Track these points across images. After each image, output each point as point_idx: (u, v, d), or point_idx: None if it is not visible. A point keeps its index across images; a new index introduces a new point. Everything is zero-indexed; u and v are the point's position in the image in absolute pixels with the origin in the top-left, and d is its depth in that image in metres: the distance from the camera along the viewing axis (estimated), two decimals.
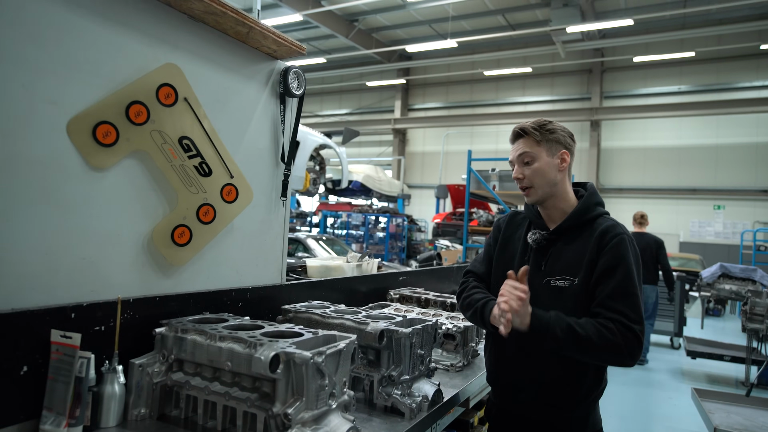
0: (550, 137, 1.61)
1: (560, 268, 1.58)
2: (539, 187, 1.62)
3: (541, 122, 1.63)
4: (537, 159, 1.60)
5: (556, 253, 1.61)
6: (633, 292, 1.47)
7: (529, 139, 1.62)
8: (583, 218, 1.61)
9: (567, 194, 1.65)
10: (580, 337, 1.43)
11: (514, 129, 1.66)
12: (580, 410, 1.56)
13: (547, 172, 1.60)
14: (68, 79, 1.42)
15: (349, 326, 1.72)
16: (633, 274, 1.49)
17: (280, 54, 2.09)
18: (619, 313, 1.44)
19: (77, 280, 1.45)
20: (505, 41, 17.66)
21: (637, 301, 1.47)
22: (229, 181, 1.88)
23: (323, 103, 23.39)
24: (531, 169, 1.61)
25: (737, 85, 16.15)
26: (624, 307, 1.45)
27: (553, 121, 1.65)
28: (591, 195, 1.67)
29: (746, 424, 3.56)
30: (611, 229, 1.56)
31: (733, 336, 8.59)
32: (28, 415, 1.27)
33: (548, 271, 1.60)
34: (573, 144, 1.66)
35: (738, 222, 15.92)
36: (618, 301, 1.46)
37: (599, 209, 1.64)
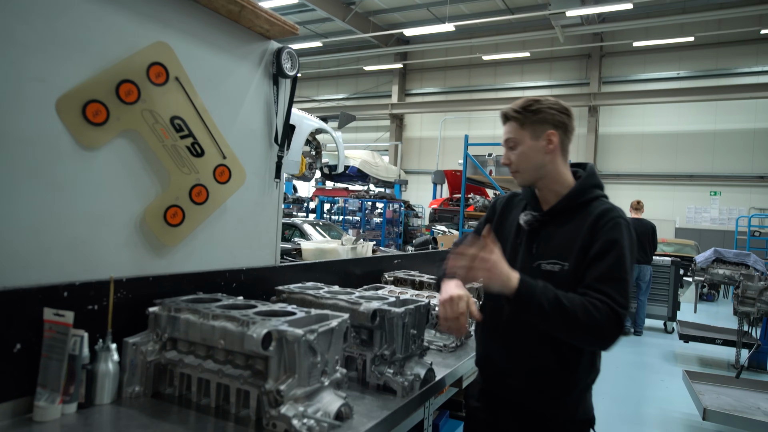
0: (534, 119, 1.54)
1: (551, 251, 1.53)
2: (525, 171, 1.57)
3: (526, 103, 1.56)
4: (520, 143, 1.55)
5: (548, 235, 1.56)
6: (623, 276, 1.42)
7: (513, 123, 1.57)
8: (578, 200, 1.56)
9: (560, 175, 1.58)
10: (566, 310, 1.37)
11: (501, 112, 1.61)
12: (571, 398, 1.53)
13: (532, 156, 1.55)
14: (57, 56, 1.40)
15: (342, 306, 1.73)
16: (625, 259, 1.44)
17: (273, 34, 2.07)
18: (606, 295, 1.39)
19: (69, 259, 1.45)
20: (504, 25, 17.51)
21: (626, 287, 1.42)
22: (221, 162, 1.87)
23: (320, 87, 23.23)
24: (516, 154, 1.57)
25: (736, 70, 16.10)
26: (612, 290, 1.40)
27: (542, 99, 1.56)
28: (588, 177, 1.61)
29: (735, 405, 3.62)
30: (607, 213, 1.50)
31: (725, 320, 8.68)
32: (22, 392, 1.28)
33: (539, 255, 1.55)
34: (567, 119, 1.57)
35: (734, 208, 15.99)
36: (606, 284, 1.41)
37: (596, 192, 1.58)
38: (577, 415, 1.56)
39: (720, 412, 3.43)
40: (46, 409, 1.25)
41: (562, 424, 1.55)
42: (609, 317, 1.36)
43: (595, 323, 1.36)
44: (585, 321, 1.36)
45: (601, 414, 4.67)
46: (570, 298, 1.40)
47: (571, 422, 1.56)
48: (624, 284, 1.42)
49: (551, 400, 1.53)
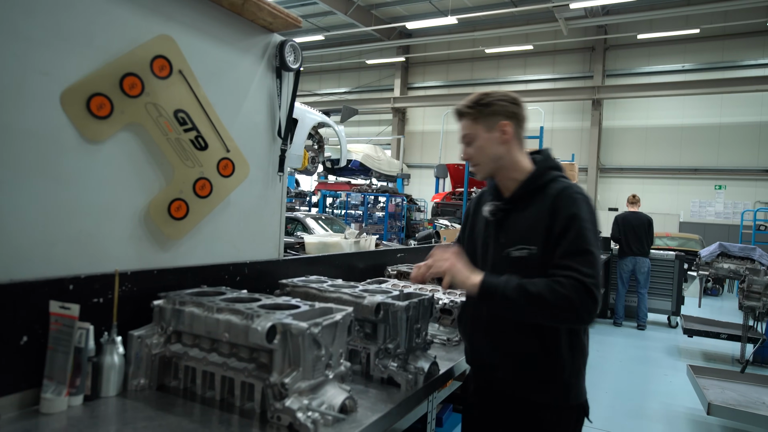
0: (486, 111, 1.58)
1: (517, 237, 1.56)
2: (484, 163, 1.62)
3: (476, 97, 1.61)
4: (476, 137, 1.60)
5: (513, 223, 1.60)
6: (585, 248, 1.44)
7: (467, 119, 1.61)
8: (536, 184, 1.59)
9: (517, 163, 1.62)
10: (531, 294, 1.41)
11: (453, 110, 1.66)
12: (560, 383, 1.54)
13: (488, 148, 1.60)
14: (61, 49, 1.40)
15: (346, 300, 1.74)
16: (586, 231, 1.46)
17: (276, 27, 2.06)
18: (571, 269, 1.41)
19: (74, 252, 1.45)
20: (507, 18, 17.39)
21: (591, 258, 1.43)
22: (225, 156, 1.87)
23: (322, 81, 23.17)
24: (474, 148, 1.61)
25: (743, 62, 15.96)
26: (576, 263, 1.42)
27: (492, 92, 1.61)
28: (544, 160, 1.65)
29: (740, 400, 3.61)
30: (564, 190, 1.53)
31: (730, 315, 8.66)
32: (29, 384, 1.29)
33: (506, 242, 1.58)
34: (518, 109, 1.62)
35: (739, 202, 15.91)
36: (570, 258, 1.43)
37: (552, 173, 1.61)
38: (569, 400, 1.56)
39: (724, 406, 3.42)
40: (52, 401, 1.26)
41: (555, 410, 1.56)
42: (575, 288, 1.39)
43: (563, 298, 1.39)
44: (552, 299, 1.39)
45: (604, 408, 4.67)
46: (534, 282, 1.43)
47: (563, 408, 1.56)
48: (588, 255, 1.43)
49: (540, 387, 1.55)
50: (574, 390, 1.57)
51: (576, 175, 9.14)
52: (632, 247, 7.41)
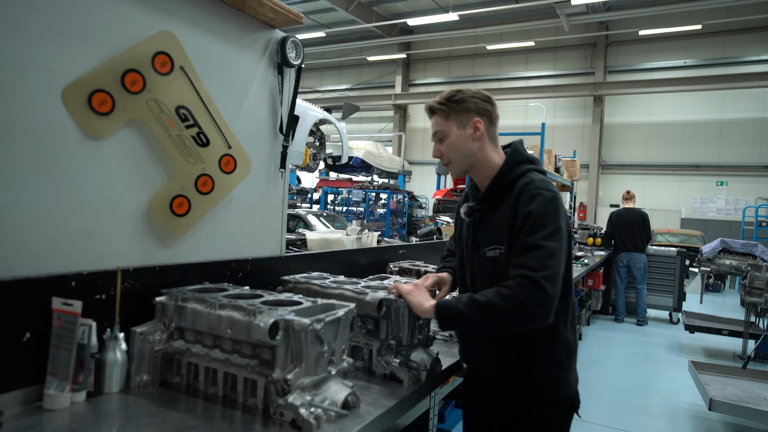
0: (458, 108, 1.57)
1: (490, 237, 1.56)
2: (457, 161, 1.61)
3: (448, 94, 1.59)
4: (448, 134, 1.58)
5: (486, 222, 1.59)
6: (535, 243, 1.41)
7: (439, 115, 1.59)
8: (504, 181, 1.57)
9: (491, 161, 1.60)
10: (482, 304, 1.41)
11: (425, 107, 1.64)
12: (540, 379, 1.55)
13: (461, 146, 1.58)
14: (62, 45, 1.39)
15: (348, 296, 1.73)
16: (539, 228, 1.42)
17: (278, 22, 2.05)
18: (520, 266, 1.40)
19: (77, 249, 1.45)
20: (508, 14, 17.35)
21: (541, 252, 1.39)
22: (227, 152, 1.87)
23: (323, 78, 23.14)
24: (446, 146, 1.60)
25: (745, 58, 15.91)
26: (525, 259, 1.40)
27: (464, 89, 1.59)
28: (511, 155, 1.62)
29: (741, 396, 3.61)
30: (525, 187, 1.51)
31: (731, 311, 8.66)
32: (32, 381, 1.29)
33: (482, 243, 1.59)
34: (490, 107, 1.60)
35: (740, 198, 15.88)
36: (520, 255, 1.42)
37: (521, 168, 1.58)
38: (553, 395, 1.57)
39: (726, 402, 3.42)
40: (55, 398, 1.26)
41: (541, 405, 1.57)
42: (522, 286, 1.37)
43: (510, 299, 1.37)
44: (501, 303, 1.38)
45: (606, 404, 4.68)
46: (484, 292, 1.44)
47: (549, 403, 1.57)
48: (537, 249, 1.40)
49: (522, 383, 1.57)
50: (558, 385, 1.57)
51: (577, 171, 9.12)
52: (626, 243, 7.45)
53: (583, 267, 5.97)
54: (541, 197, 1.47)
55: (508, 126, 18.76)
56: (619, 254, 7.52)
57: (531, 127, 17.50)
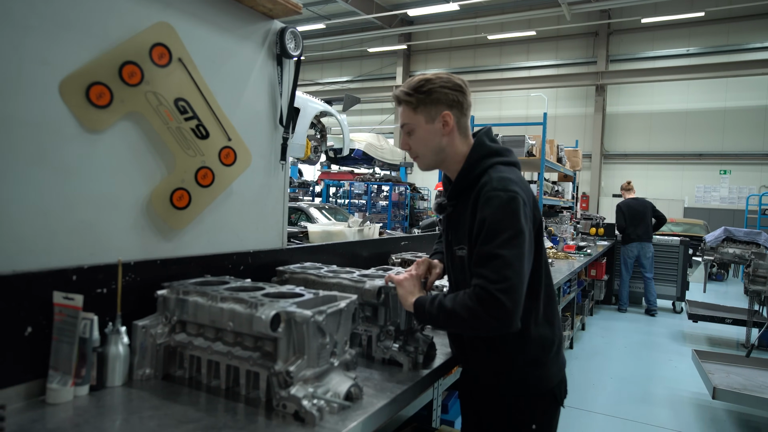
0: (427, 100, 1.48)
1: (458, 235, 1.53)
2: (425, 156, 1.56)
3: (416, 84, 1.49)
4: (416, 128, 1.52)
5: (456, 219, 1.55)
6: (494, 253, 1.36)
7: (406, 107, 1.52)
8: (469, 178, 1.51)
9: (460, 155, 1.54)
10: (447, 310, 1.42)
11: (393, 94, 1.56)
12: (513, 374, 1.55)
13: (429, 140, 1.52)
14: (59, 38, 1.38)
15: (346, 285, 1.76)
16: (494, 235, 1.37)
17: (276, 13, 2.03)
18: (480, 277, 1.37)
19: (77, 243, 1.45)
20: (509, 4, 17.21)
21: (498, 262, 1.35)
22: (227, 144, 1.85)
23: (323, 70, 23.04)
24: (413, 139, 1.54)
25: (748, 46, 15.77)
26: (485, 270, 1.37)
27: (434, 77, 1.49)
28: (474, 149, 1.54)
29: (745, 384, 3.62)
30: (483, 188, 1.44)
31: (735, 300, 8.65)
32: (35, 375, 1.29)
33: (453, 240, 1.57)
34: (461, 96, 1.51)
35: (744, 187, 15.81)
36: (479, 266, 1.39)
37: (485, 162, 1.50)
38: (529, 389, 1.56)
39: (730, 391, 3.43)
40: (58, 392, 1.26)
41: (521, 398, 1.56)
42: (480, 298, 1.35)
43: (469, 310, 1.37)
44: (463, 313, 1.39)
45: (610, 394, 4.69)
46: (452, 297, 1.44)
47: (529, 396, 1.57)
48: (495, 260, 1.36)
49: (497, 377, 1.57)
50: (533, 380, 1.55)
51: (580, 161, 9.08)
52: (639, 233, 7.40)
53: (586, 257, 5.96)
54: (497, 200, 1.40)
55: (510, 116, 18.70)
56: (630, 244, 7.45)
57: (533, 117, 17.43)
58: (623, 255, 7.58)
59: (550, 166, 6.78)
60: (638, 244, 7.41)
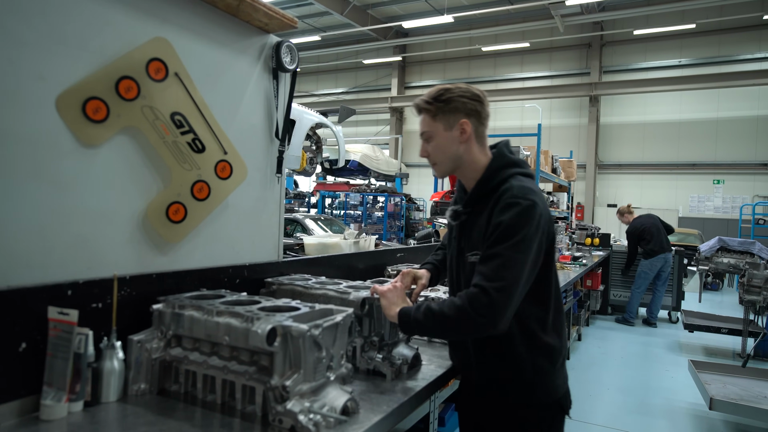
0: (446, 108, 1.53)
1: (472, 242, 1.55)
2: (442, 163, 1.60)
3: (436, 93, 1.54)
4: (435, 136, 1.56)
5: (470, 226, 1.58)
6: (497, 253, 1.39)
7: (426, 115, 1.57)
8: (488, 186, 1.55)
9: (477, 163, 1.57)
10: (436, 313, 1.43)
11: (413, 103, 1.61)
12: (524, 381, 1.54)
13: (447, 147, 1.56)
14: (56, 53, 1.39)
15: (331, 296, 1.78)
16: (504, 237, 1.40)
17: (272, 27, 2.05)
18: (477, 274, 1.41)
19: (72, 257, 1.44)
20: (503, 16, 17.40)
21: (498, 261, 1.38)
22: (222, 158, 1.86)
23: (319, 82, 23.15)
24: (432, 146, 1.58)
25: (739, 57, 15.97)
26: (483, 268, 1.40)
27: (453, 87, 1.54)
28: (495, 159, 1.58)
29: (742, 394, 3.61)
30: (502, 195, 1.47)
31: (730, 309, 8.67)
32: (29, 391, 1.28)
33: (466, 247, 1.58)
34: (479, 106, 1.56)
35: (737, 196, 15.92)
36: (481, 264, 1.43)
37: (506, 172, 1.54)
38: (539, 399, 1.55)
39: (726, 401, 3.42)
40: (52, 408, 1.25)
41: (528, 408, 1.56)
42: (472, 296, 1.38)
43: (458, 310, 1.39)
44: (450, 312, 1.40)
45: (606, 405, 4.67)
46: (440, 301, 1.46)
47: (536, 406, 1.56)
48: (496, 258, 1.39)
49: (506, 387, 1.56)
50: (541, 388, 1.55)
51: (574, 172, 9.14)
52: (663, 244, 7.34)
53: (581, 267, 5.97)
54: (517, 207, 1.43)
55: (504, 127, 18.78)
56: (655, 258, 7.27)
57: (527, 128, 17.52)
58: (644, 269, 7.38)
59: (545, 176, 6.82)
60: (663, 256, 7.30)
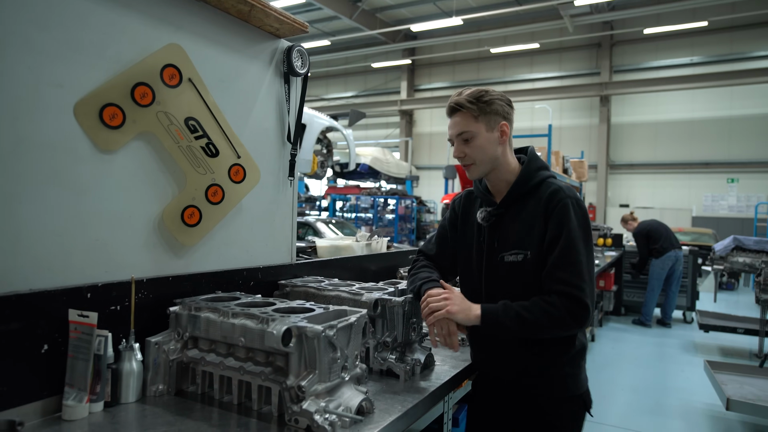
0: (488, 110, 1.55)
1: (512, 242, 1.57)
2: (481, 163, 1.60)
3: (478, 94, 1.56)
4: (477, 136, 1.56)
5: (506, 226, 1.60)
6: (575, 258, 1.47)
7: (467, 115, 1.56)
8: (527, 187, 1.59)
9: (509, 165, 1.63)
10: (528, 322, 1.46)
11: (449, 103, 1.60)
12: (555, 374, 1.58)
13: (488, 148, 1.57)
14: (73, 61, 1.42)
15: (344, 297, 1.80)
16: (575, 240, 1.48)
17: (283, 32, 2.07)
18: (561, 281, 1.46)
19: (91, 261, 1.47)
20: (512, 17, 17.35)
21: (580, 267, 1.47)
22: (236, 162, 1.89)
23: (328, 86, 23.26)
24: (471, 147, 1.58)
25: (752, 54, 15.78)
26: (566, 274, 1.46)
27: (490, 90, 1.58)
28: (531, 161, 1.64)
29: (759, 395, 3.56)
30: (555, 194, 1.54)
31: (746, 309, 8.55)
32: (51, 392, 1.30)
33: (501, 247, 1.60)
34: (512, 111, 1.62)
35: (752, 195, 15.70)
36: (560, 269, 1.47)
37: (542, 174, 1.61)
38: (567, 391, 1.59)
39: (744, 401, 3.38)
40: (74, 408, 1.27)
41: (554, 401, 1.59)
42: (566, 307, 1.45)
43: (557, 320, 1.45)
44: (548, 323, 1.46)
45: (622, 405, 4.64)
46: (529, 308, 1.47)
47: (562, 400, 1.60)
48: (577, 266, 1.47)
49: (535, 380, 1.59)
50: (571, 381, 1.60)
51: (586, 172, 9.08)
52: (672, 241, 7.32)
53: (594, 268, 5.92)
54: (573, 206, 1.51)
55: (515, 128, 18.29)
56: (665, 255, 7.24)
57: (537, 129, 17.44)
58: (656, 269, 7.32)
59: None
60: (674, 253, 7.26)
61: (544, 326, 1.46)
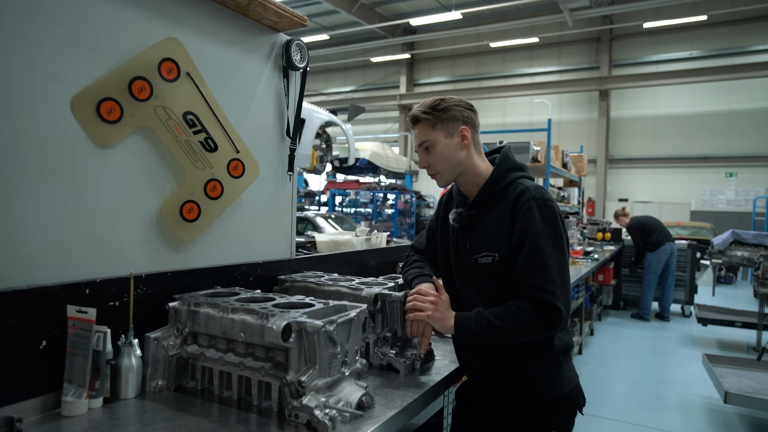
0: (444, 117, 1.56)
1: (483, 244, 1.57)
2: (445, 171, 1.60)
3: (433, 103, 1.57)
4: (436, 144, 1.57)
5: (477, 229, 1.60)
6: (542, 261, 1.45)
7: (425, 125, 1.58)
8: (496, 188, 1.58)
9: (477, 168, 1.61)
10: (500, 329, 1.46)
11: (408, 117, 1.63)
12: (538, 375, 1.55)
13: (450, 155, 1.57)
14: (70, 55, 1.41)
15: (344, 292, 1.80)
16: (541, 242, 1.46)
17: (282, 26, 2.06)
18: (531, 287, 1.45)
19: (89, 256, 1.46)
20: (511, 11, 17.28)
21: (549, 270, 1.44)
22: (235, 156, 1.88)
23: (327, 80, 23.18)
24: (432, 156, 1.58)
25: (751, 48, 15.75)
26: (535, 279, 1.44)
27: (446, 97, 1.59)
28: (501, 162, 1.62)
29: (757, 388, 3.58)
30: (520, 196, 1.52)
31: (744, 303, 8.57)
32: (50, 388, 1.30)
33: (473, 249, 1.59)
34: (474, 115, 1.61)
35: (750, 189, 15.71)
36: (529, 274, 1.45)
37: (513, 174, 1.59)
38: (552, 392, 1.57)
39: (742, 395, 3.39)
40: (73, 404, 1.27)
41: (540, 403, 1.57)
42: (538, 312, 1.43)
43: (529, 326, 1.44)
44: (520, 329, 1.45)
45: (620, 399, 4.66)
46: (501, 315, 1.47)
47: (547, 401, 1.57)
48: (546, 269, 1.45)
49: (519, 383, 1.57)
50: (555, 381, 1.57)
51: (585, 166, 9.06)
52: (666, 234, 7.36)
53: (593, 262, 5.93)
54: (539, 208, 1.49)
55: (514, 123, 18.71)
56: (660, 248, 7.27)
57: (537, 124, 17.44)
58: (651, 262, 7.35)
59: (555, 171, 6.77)
60: (669, 246, 7.29)
61: (517, 332, 1.46)
